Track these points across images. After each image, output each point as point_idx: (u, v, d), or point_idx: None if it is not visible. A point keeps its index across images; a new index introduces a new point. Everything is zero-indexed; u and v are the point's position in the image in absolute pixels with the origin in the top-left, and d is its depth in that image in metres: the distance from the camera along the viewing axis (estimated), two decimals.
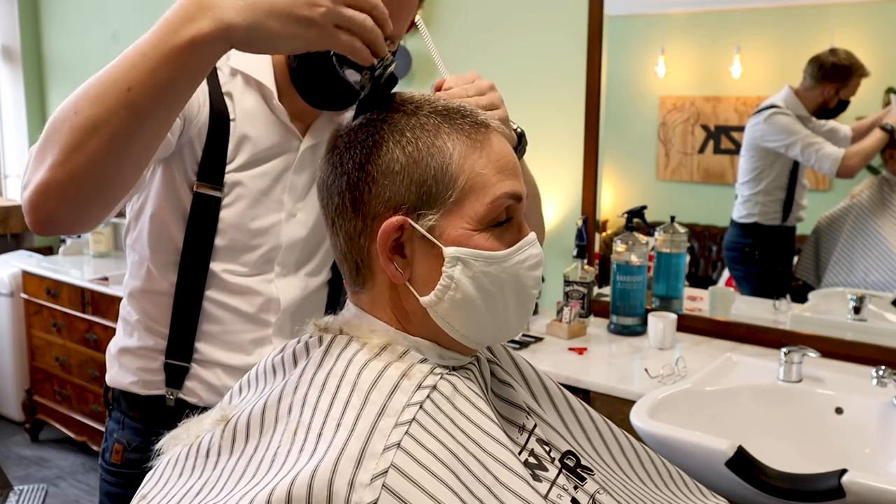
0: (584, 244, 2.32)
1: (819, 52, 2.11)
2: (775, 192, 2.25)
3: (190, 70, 0.83)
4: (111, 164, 0.85)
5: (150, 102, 0.83)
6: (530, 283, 0.88)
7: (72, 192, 0.86)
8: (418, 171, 0.82)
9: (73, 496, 3.25)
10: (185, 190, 1.18)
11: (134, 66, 0.82)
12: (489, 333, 0.89)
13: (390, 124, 0.84)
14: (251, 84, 1.20)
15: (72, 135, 0.83)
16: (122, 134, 0.84)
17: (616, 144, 2.44)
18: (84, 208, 0.89)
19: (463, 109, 0.87)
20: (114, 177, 0.88)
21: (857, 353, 1.97)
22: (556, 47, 2.45)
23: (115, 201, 0.93)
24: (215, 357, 1.24)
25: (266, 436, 0.82)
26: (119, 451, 1.29)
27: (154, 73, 0.82)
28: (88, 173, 0.85)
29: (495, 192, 0.83)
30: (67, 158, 0.84)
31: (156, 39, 0.82)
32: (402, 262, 0.84)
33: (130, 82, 0.82)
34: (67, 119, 0.84)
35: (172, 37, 0.81)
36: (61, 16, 4.00)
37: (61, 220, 0.89)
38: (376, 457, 0.73)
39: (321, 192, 0.89)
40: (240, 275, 1.23)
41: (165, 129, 0.89)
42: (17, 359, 3.75)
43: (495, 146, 0.86)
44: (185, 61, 0.82)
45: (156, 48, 0.82)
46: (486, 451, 0.78)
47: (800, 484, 1.34)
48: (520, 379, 1.01)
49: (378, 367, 0.81)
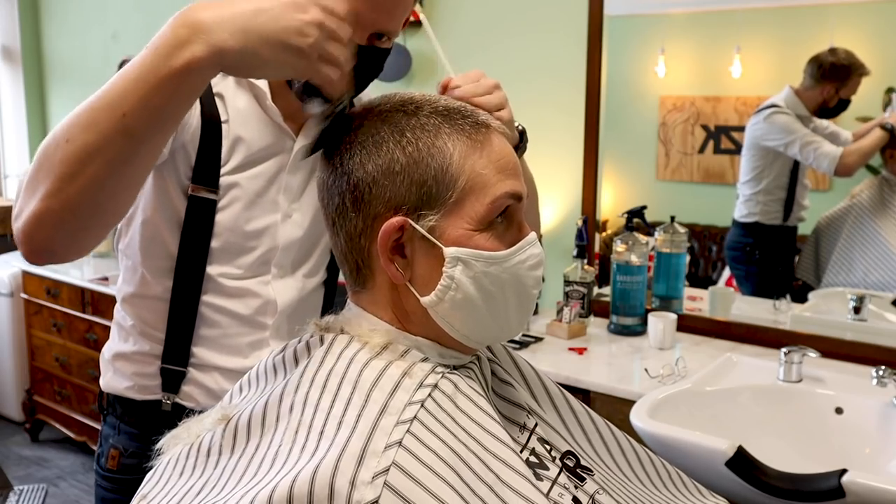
0: (584, 244, 2.32)
1: (819, 52, 2.11)
2: (776, 191, 2.25)
3: (184, 93, 0.83)
4: (107, 190, 0.85)
5: (145, 127, 0.83)
6: (531, 283, 0.88)
7: (67, 220, 0.86)
8: (419, 171, 0.82)
9: (73, 496, 3.25)
10: (178, 195, 1.17)
11: (127, 92, 0.82)
12: (490, 333, 0.89)
13: (391, 124, 0.84)
14: (243, 85, 1.19)
15: (65, 164, 0.83)
16: (117, 160, 0.84)
17: (616, 144, 2.44)
18: (80, 235, 0.89)
19: (463, 110, 0.87)
20: (110, 202, 0.88)
21: (857, 353, 1.97)
22: (556, 47, 2.45)
23: (111, 226, 0.93)
24: (212, 361, 1.23)
25: (267, 435, 0.82)
26: (115, 456, 1.28)
27: (148, 98, 0.81)
28: (84, 201, 0.85)
29: (496, 192, 0.84)
30: (61, 188, 0.83)
31: (149, 64, 0.81)
32: (403, 262, 0.84)
33: (124, 108, 0.81)
34: (59, 148, 0.84)
35: (167, 62, 0.80)
36: (61, 16, 4.00)
37: (57, 249, 0.89)
38: (378, 455, 0.73)
39: (321, 192, 0.89)
40: (236, 277, 1.22)
41: (160, 150, 0.89)
42: (17, 359, 3.75)
43: (496, 146, 0.86)
44: (179, 86, 0.82)
45: (150, 73, 0.81)
46: (488, 450, 0.78)
47: (800, 484, 1.34)
48: (520, 379, 1.01)
49: (379, 366, 0.81)
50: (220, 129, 1.16)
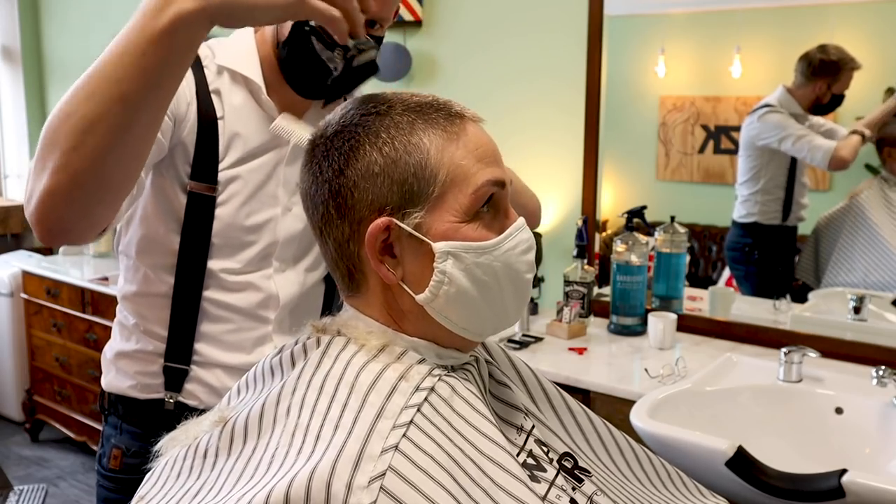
0: (584, 244, 2.32)
1: (808, 50, 2.12)
2: (774, 190, 2.25)
3: (176, 51, 0.84)
4: (112, 159, 0.86)
5: (142, 91, 0.84)
6: (524, 269, 0.87)
7: (77, 194, 0.86)
8: (398, 170, 0.81)
9: (73, 496, 3.25)
10: (177, 192, 1.18)
11: (120, 58, 0.83)
12: (489, 323, 0.88)
13: (365, 127, 0.83)
14: (238, 80, 1.19)
15: (68, 137, 0.84)
16: (118, 127, 0.84)
17: (616, 144, 2.44)
18: (92, 209, 0.90)
19: (435, 103, 0.86)
20: (116, 172, 0.88)
21: (857, 353, 1.97)
22: (556, 47, 2.45)
23: (121, 198, 0.93)
24: (215, 357, 1.24)
25: (264, 437, 0.82)
26: (117, 456, 1.28)
27: (141, 60, 0.82)
28: (91, 172, 0.85)
29: (477, 182, 0.83)
30: (68, 161, 0.84)
31: (138, 27, 0.82)
32: (393, 262, 0.84)
33: (119, 75, 0.82)
34: (61, 123, 0.85)
35: (154, 21, 0.81)
36: (61, 16, 4.00)
37: (71, 226, 0.90)
38: (374, 459, 0.73)
39: (305, 203, 0.88)
40: (237, 272, 1.22)
41: (159, 117, 0.89)
42: (17, 359, 3.75)
43: (472, 136, 0.85)
44: (170, 43, 0.82)
45: (140, 35, 0.82)
46: (483, 454, 0.78)
47: (800, 484, 1.34)
48: (518, 381, 1.01)
49: (376, 369, 0.81)
50: (217, 126, 1.17)
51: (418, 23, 2.71)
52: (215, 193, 1.18)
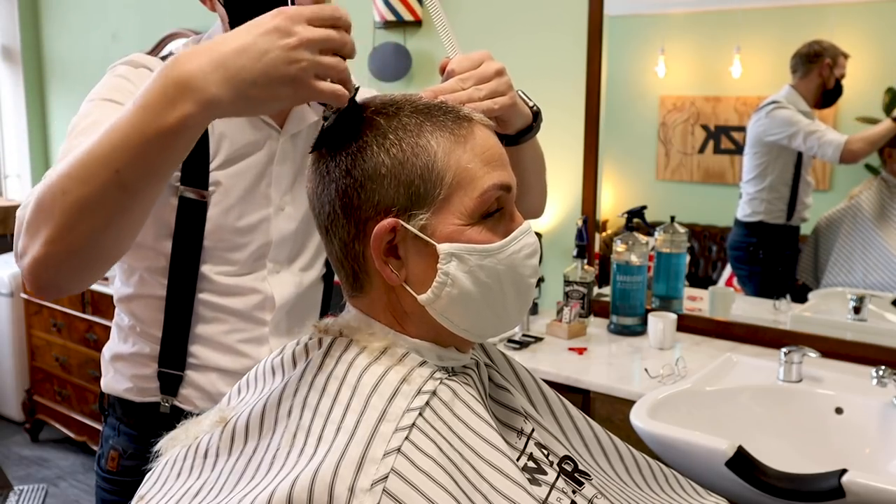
0: (584, 244, 2.32)
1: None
2: (780, 188, 2.24)
3: (178, 148, 0.83)
4: (107, 237, 0.87)
5: (141, 181, 0.83)
6: (527, 273, 0.88)
7: (72, 262, 0.88)
8: (405, 172, 0.82)
9: (73, 496, 3.25)
10: (168, 197, 1.17)
11: (119, 148, 0.81)
12: (490, 325, 0.88)
13: (373, 128, 0.83)
14: None
15: (63, 215, 0.84)
16: (115, 211, 0.85)
17: (616, 144, 2.44)
18: (84, 274, 0.92)
19: (444, 105, 0.86)
20: (111, 246, 0.90)
21: (857, 353, 1.97)
22: (556, 47, 2.45)
23: (114, 261, 0.95)
24: (211, 361, 1.23)
25: (265, 438, 0.82)
26: (115, 457, 1.28)
27: (141, 154, 0.81)
28: (86, 247, 0.86)
29: (483, 185, 0.83)
30: (62, 236, 0.85)
31: (139, 122, 0.80)
32: (397, 263, 0.84)
33: (117, 164, 0.81)
34: (56, 199, 0.84)
35: (157, 120, 0.79)
36: (61, 16, 4.00)
37: (62, 285, 0.93)
38: (377, 462, 0.73)
39: (312, 202, 0.88)
40: (231, 274, 1.22)
41: (158, 196, 0.89)
42: (17, 359, 3.75)
43: (479, 139, 0.85)
44: (172, 142, 0.81)
45: (140, 131, 0.80)
46: (483, 458, 0.78)
47: (800, 484, 1.34)
48: (517, 384, 1.01)
49: (378, 372, 0.81)
50: (206, 129, 1.16)
51: (418, 23, 2.71)
52: (206, 196, 1.17)
